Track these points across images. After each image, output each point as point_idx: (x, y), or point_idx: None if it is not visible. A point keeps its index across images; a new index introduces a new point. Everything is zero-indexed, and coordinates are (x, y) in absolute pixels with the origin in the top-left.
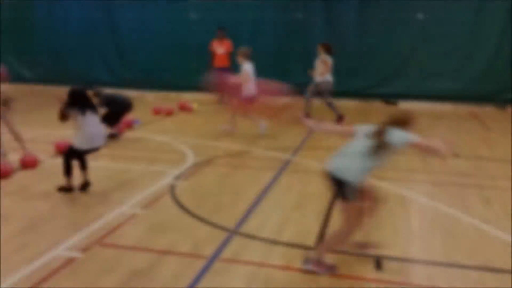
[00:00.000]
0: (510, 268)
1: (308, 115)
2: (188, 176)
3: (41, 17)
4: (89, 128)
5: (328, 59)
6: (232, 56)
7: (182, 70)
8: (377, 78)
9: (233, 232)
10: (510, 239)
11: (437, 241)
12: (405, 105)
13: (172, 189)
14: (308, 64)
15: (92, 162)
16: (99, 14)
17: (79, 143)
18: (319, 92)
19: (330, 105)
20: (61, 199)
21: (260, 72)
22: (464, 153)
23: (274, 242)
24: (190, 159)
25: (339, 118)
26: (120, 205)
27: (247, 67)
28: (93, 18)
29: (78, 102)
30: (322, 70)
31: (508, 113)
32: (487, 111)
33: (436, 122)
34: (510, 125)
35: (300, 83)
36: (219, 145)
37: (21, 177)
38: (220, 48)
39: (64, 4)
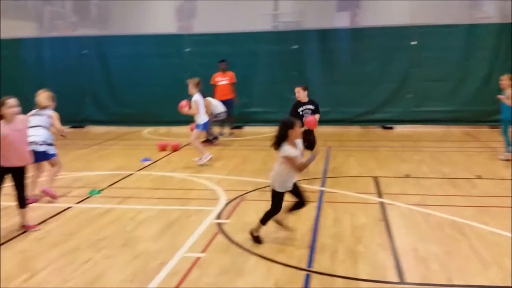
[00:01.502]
0: None
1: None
2: (230, 214)
3: (28, 55)
4: None
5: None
6: (236, 87)
7: (177, 103)
8: (375, 104)
9: (310, 271)
10: None
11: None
12: (402, 129)
13: (220, 228)
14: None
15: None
16: (89, 50)
17: None
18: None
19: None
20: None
21: (256, 102)
22: (486, 174)
23: (358, 279)
24: (222, 195)
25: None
26: (177, 250)
27: (197, 98)
28: (83, 55)
29: None
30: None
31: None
32: (483, 131)
33: (443, 144)
34: None
35: None
36: (241, 179)
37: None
38: (223, 80)
39: (52, 40)
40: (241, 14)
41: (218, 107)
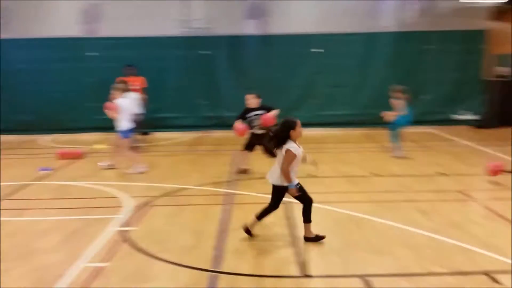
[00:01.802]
0: (478, 269)
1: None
2: (136, 221)
3: None
4: None
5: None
6: (147, 92)
7: (79, 109)
8: (283, 109)
9: (216, 272)
10: (463, 244)
11: (403, 254)
12: (307, 132)
13: (125, 236)
14: (216, 98)
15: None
16: None
17: None
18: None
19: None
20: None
21: (168, 107)
22: (380, 172)
23: (263, 276)
24: (127, 202)
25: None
26: (77, 260)
27: (120, 102)
28: None
29: None
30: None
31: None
32: (380, 133)
33: (343, 145)
34: (410, 143)
35: (207, 117)
36: (149, 185)
37: None
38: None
39: None
40: (149, 18)
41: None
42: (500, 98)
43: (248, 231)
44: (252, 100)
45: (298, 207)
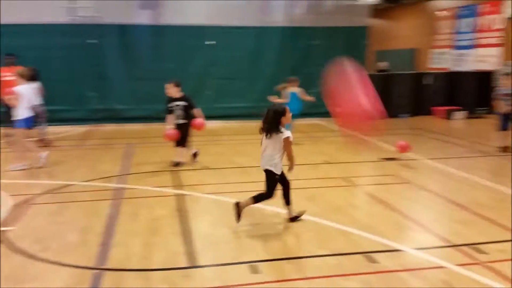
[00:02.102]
0: (356, 250)
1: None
2: (13, 220)
3: None
4: None
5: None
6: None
7: None
8: None
9: (101, 269)
10: (344, 227)
11: (289, 239)
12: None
13: (2, 236)
14: (105, 90)
15: None
16: None
17: None
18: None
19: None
20: None
21: (54, 100)
22: None
23: (150, 270)
24: (4, 201)
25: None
26: None
27: (21, 89)
28: None
29: None
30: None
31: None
32: None
33: (239, 137)
34: (299, 134)
35: (96, 110)
36: (30, 182)
37: None
38: (9, 76)
39: None
40: (33, 4)
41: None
42: (380, 91)
43: (238, 206)
44: (171, 89)
45: (189, 198)
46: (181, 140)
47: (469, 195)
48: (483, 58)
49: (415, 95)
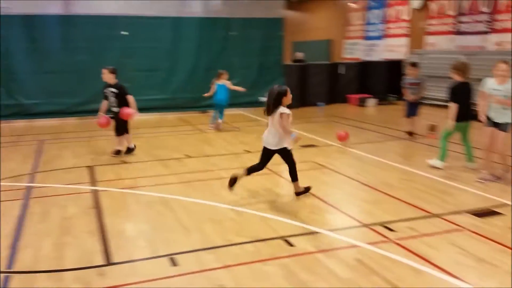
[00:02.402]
0: (275, 235)
1: None
2: None
3: None
4: None
5: None
6: None
7: None
8: (91, 94)
9: (8, 272)
10: (263, 214)
11: (209, 229)
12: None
13: None
14: (12, 84)
15: None
16: None
17: None
18: None
19: None
20: None
21: None
22: (193, 153)
23: (61, 270)
24: None
25: None
26: None
27: None
28: None
29: None
30: None
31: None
32: (194, 116)
33: (158, 130)
34: (250, 123)
35: (3, 106)
36: None
37: None
38: None
39: None
40: None
41: None
42: (298, 81)
43: (233, 180)
44: (106, 75)
45: (105, 194)
46: (119, 129)
47: (380, 177)
48: (392, 48)
49: (331, 84)
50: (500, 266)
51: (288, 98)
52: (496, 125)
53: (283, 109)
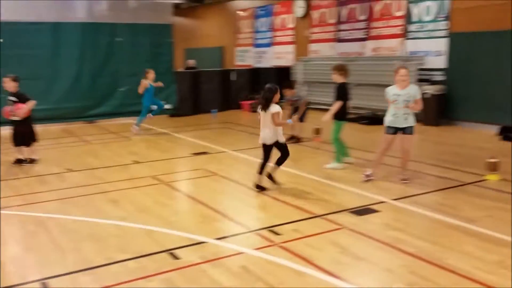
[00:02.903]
0: (160, 249)
1: None
2: None
3: None
4: None
5: None
6: None
7: None
8: None
9: None
10: (149, 227)
11: (88, 248)
12: None
13: None
14: None
15: None
16: None
17: None
18: None
19: None
20: None
21: None
22: (76, 167)
23: None
24: None
25: None
26: None
27: None
28: None
29: None
30: None
31: (99, 125)
32: (80, 126)
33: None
34: (104, 135)
35: None
36: None
37: None
38: None
39: None
40: None
41: None
42: (190, 88)
43: (259, 186)
44: (8, 83)
45: None
46: (21, 139)
47: (269, 181)
48: (280, 55)
49: (224, 91)
50: (377, 263)
51: (278, 95)
52: (402, 130)
53: (273, 108)
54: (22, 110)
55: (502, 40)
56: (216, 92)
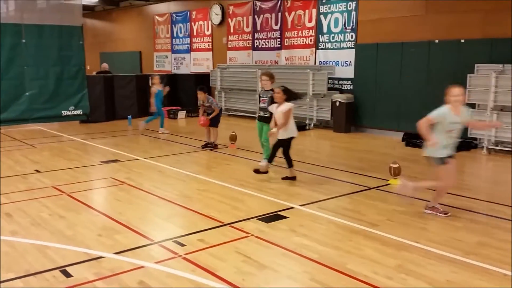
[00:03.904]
0: (52, 266)
1: None
2: None
3: None
4: None
5: None
6: None
7: None
8: None
9: None
10: (43, 243)
11: None
12: None
13: None
14: None
15: None
16: None
17: None
18: None
19: None
20: None
21: None
22: None
23: None
24: None
25: None
26: None
27: None
28: None
29: None
30: None
31: (2, 132)
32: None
33: None
34: (6, 143)
35: None
36: None
37: None
38: None
39: None
40: None
41: None
42: (104, 93)
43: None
44: None
45: None
46: None
47: (179, 189)
48: (199, 62)
49: (141, 97)
50: (280, 271)
51: (275, 96)
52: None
53: (283, 107)
54: None
55: (404, 51)
56: (132, 97)
